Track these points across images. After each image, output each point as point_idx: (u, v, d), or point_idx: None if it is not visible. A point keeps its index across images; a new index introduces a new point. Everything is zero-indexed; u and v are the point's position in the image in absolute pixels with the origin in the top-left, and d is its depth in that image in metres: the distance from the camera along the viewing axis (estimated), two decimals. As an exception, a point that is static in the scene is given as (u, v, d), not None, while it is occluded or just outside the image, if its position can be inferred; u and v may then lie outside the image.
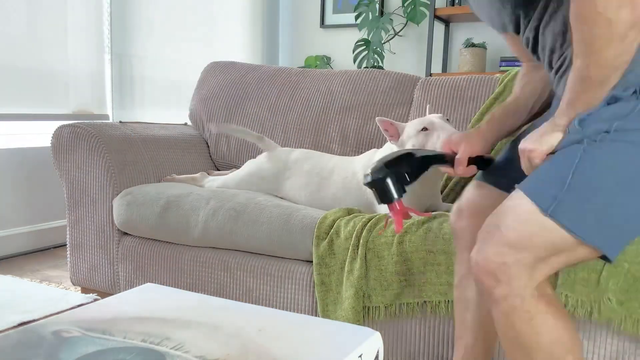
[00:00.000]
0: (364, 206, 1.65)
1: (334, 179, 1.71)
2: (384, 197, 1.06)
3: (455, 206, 1.26)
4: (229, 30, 3.89)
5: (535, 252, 0.93)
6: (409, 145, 1.48)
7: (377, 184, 1.06)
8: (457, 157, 1.19)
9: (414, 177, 1.09)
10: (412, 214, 1.08)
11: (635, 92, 0.94)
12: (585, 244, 0.92)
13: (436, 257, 1.35)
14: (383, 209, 1.59)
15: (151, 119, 3.22)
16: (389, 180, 1.05)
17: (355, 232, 1.44)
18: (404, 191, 1.07)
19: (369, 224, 1.45)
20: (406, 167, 1.08)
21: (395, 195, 1.05)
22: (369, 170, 1.07)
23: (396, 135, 1.54)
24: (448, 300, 1.35)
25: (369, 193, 1.62)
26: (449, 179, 1.82)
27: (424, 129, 1.47)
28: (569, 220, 0.91)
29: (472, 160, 1.19)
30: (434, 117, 1.50)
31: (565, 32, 1.04)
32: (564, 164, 0.95)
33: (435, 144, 1.43)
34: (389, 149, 1.61)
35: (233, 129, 2.02)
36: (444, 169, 1.23)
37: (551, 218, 0.91)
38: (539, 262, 0.94)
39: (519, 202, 0.95)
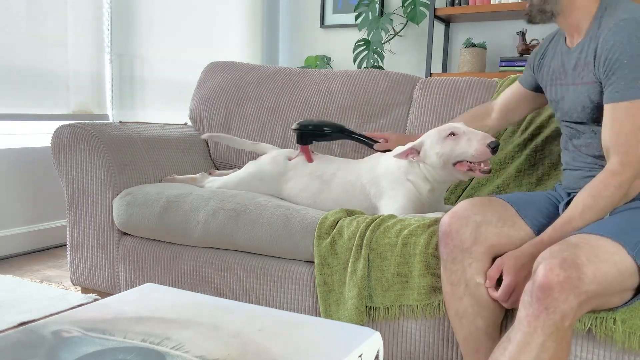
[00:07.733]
0: (367, 210, 1.65)
1: (336, 182, 1.71)
2: (297, 140, 1.79)
3: (457, 210, 1.24)
4: (228, 30, 3.89)
5: (599, 289, 1.00)
6: (432, 155, 1.53)
7: (295, 132, 1.79)
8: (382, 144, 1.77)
9: (314, 138, 1.78)
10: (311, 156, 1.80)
11: None
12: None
13: (439, 261, 1.33)
14: (383, 209, 1.60)
15: (151, 119, 3.22)
16: (298, 133, 1.78)
17: (359, 232, 1.44)
18: (309, 143, 1.78)
19: (372, 224, 1.44)
20: (314, 131, 1.76)
21: (301, 142, 1.78)
22: (297, 124, 1.78)
23: (416, 154, 1.57)
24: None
25: (372, 196, 1.64)
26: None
27: (452, 134, 1.49)
28: None
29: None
30: (457, 124, 1.52)
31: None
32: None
33: (467, 148, 1.45)
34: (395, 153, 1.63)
35: (227, 139, 2.00)
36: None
37: (633, 259, 1.02)
38: (593, 299, 1.00)
39: (600, 243, 1.02)
